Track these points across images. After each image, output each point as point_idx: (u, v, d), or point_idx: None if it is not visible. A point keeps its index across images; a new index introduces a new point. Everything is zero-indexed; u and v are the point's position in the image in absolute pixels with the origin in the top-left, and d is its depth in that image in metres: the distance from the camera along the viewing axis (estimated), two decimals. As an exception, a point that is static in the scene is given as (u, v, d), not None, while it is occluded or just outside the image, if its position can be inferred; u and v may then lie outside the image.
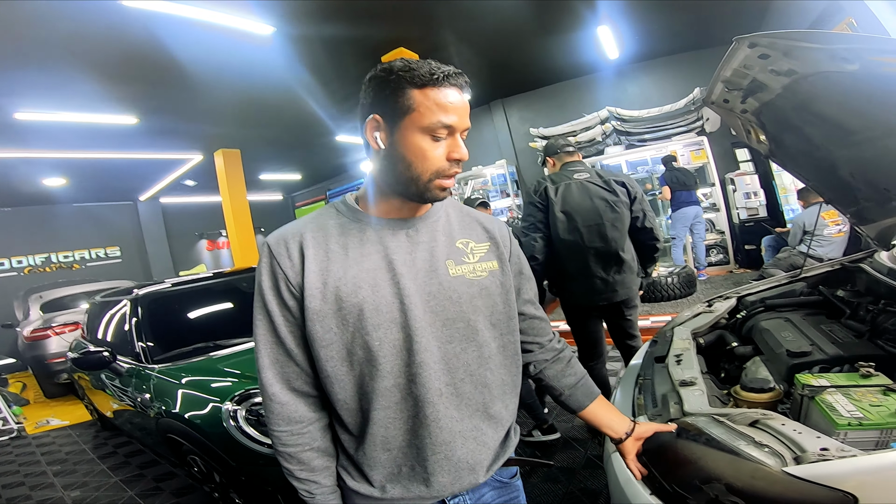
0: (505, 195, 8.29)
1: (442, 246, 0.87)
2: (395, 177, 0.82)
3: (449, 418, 0.82)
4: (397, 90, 0.76)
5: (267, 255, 0.82)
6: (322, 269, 0.80)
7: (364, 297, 0.79)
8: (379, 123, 0.80)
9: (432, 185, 0.80)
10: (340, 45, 4.87)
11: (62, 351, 5.39)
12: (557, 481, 2.29)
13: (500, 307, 0.90)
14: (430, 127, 0.77)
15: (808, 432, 0.95)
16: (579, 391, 1.03)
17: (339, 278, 0.79)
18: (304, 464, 0.84)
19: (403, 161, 0.79)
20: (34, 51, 3.87)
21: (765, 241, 5.40)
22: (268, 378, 0.82)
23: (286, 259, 0.80)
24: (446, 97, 0.77)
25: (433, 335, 0.82)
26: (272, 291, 0.81)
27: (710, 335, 1.79)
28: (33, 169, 7.12)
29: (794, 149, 1.60)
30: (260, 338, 0.83)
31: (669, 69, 6.92)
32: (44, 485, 3.21)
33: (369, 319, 0.79)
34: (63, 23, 3.52)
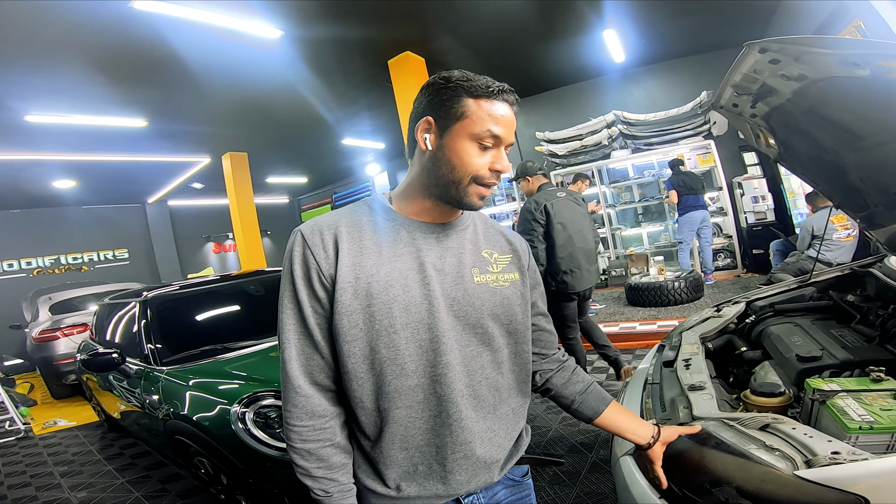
0: (510, 199, 8.29)
1: (469, 254, 0.89)
2: (436, 178, 0.84)
3: (469, 419, 0.85)
4: (454, 97, 0.81)
5: (300, 244, 0.82)
6: (355, 264, 0.81)
7: (395, 295, 0.80)
8: (431, 126, 0.83)
9: (471, 191, 0.83)
10: (347, 48, 4.91)
11: (70, 352, 5.44)
12: (564, 484, 2.28)
13: (519, 317, 0.92)
14: (479, 135, 0.81)
15: (819, 436, 0.95)
16: (591, 397, 1.03)
17: (372, 275, 0.80)
18: (324, 461, 0.83)
19: (448, 164, 0.82)
20: (45, 54, 3.93)
21: (773, 246, 5.37)
22: (293, 369, 0.82)
23: (321, 250, 0.81)
24: (498, 110, 0.82)
25: (455, 338, 0.84)
26: (303, 281, 0.81)
27: (718, 340, 1.79)
28: (43, 171, 7.22)
29: (804, 153, 1.60)
30: (288, 327, 0.82)
31: (676, 72, 6.92)
32: (50, 485, 3.22)
33: (398, 318, 0.80)
34: (74, 26, 3.57)
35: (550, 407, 3.23)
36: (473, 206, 0.85)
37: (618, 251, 7.38)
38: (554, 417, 3.06)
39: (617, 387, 3.40)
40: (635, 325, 4.65)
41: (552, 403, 3.17)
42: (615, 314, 5.16)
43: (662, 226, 7.15)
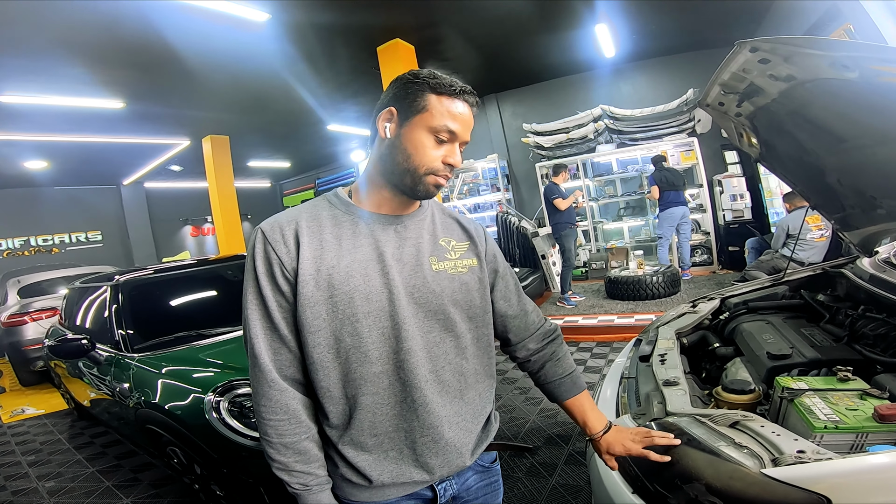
0: (495, 189, 8.29)
1: (427, 243, 0.93)
2: (392, 166, 0.87)
3: (435, 403, 0.87)
4: (418, 91, 0.84)
5: (261, 240, 0.84)
6: (316, 257, 0.83)
7: (355, 285, 0.83)
8: (392, 116, 0.86)
9: (426, 181, 0.86)
10: (335, 34, 4.80)
11: (39, 338, 5.27)
12: (540, 476, 2.31)
13: (478, 301, 0.96)
14: (436, 128, 0.84)
15: (785, 434, 0.97)
16: (569, 380, 1.08)
17: (333, 266, 0.83)
18: (302, 454, 0.84)
19: (404, 152, 0.86)
20: (20, 34, 3.75)
21: (748, 244, 5.48)
22: (265, 364, 0.83)
23: (282, 245, 0.83)
24: (457, 108, 0.85)
25: (416, 325, 0.87)
26: (267, 276, 0.83)
27: (693, 335, 1.82)
28: (15, 151, 6.95)
29: (785, 153, 1.62)
30: (254, 324, 0.83)
31: (664, 69, 6.96)
32: (18, 475, 3.13)
33: (360, 307, 0.83)
34: (50, 6, 3.41)
35: (529, 398, 3.26)
36: (428, 194, 0.89)
37: (599, 244, 7.46)
38: (531, 409, 3.09)
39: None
40: (613, 318, 4.72)
41: (531, 395, 3.24)
42: (594, 307, 5.23)
43: (643, 220, 7.24)
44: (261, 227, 0.86)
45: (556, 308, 5.49)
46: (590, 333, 4.54)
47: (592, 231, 7.41)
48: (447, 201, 8.53)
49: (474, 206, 8.80)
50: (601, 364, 3.77)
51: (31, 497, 2.79)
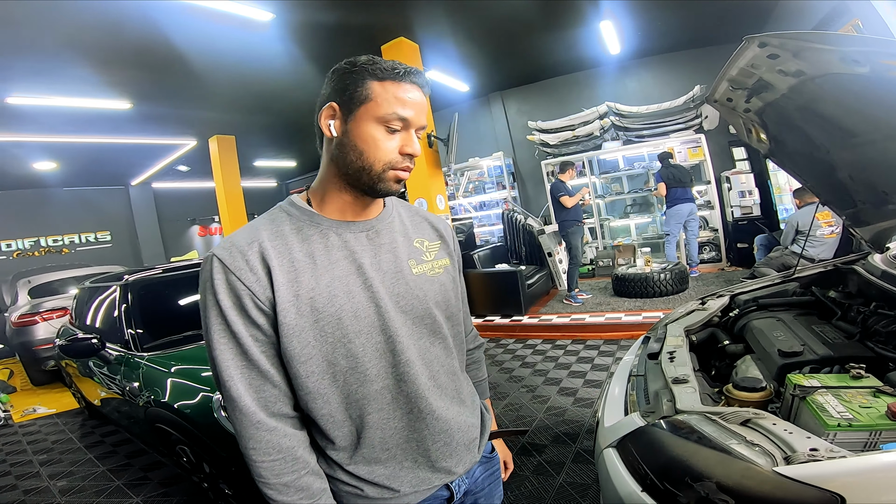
0: (501, 187, 8.28)
1: (402, 247, 0.89)
2: (346, 166, 0.81)
3: (441, 408, 0.86)
4: (358, 80, 0.78)
5: (220, 270, 0.74)
6: (291, 281, 0.76)
7: (341, 304, 0.78)
8: (335, 112, 0.80)
9: (385, 177, 0.81)
10: (340, 33, 4.80)
11: (50, 337, 5.33)
12: (548, 475, 2.31)
13: (453, 301, 0.94)
14: (384, 117, 0.78)
15: (798, 432, 0.96)
16: (479, 387, 1.12)
17: (312, 289, 0.76)
18: (305, 490, 0.77)
19: (355, 149, 0.79)
20: (27, 35, 3.77)
21: (757, 240, 5.44)
22: (248, 406, 0.74)
23: (248, 273, 0.74)
24: (405, 92, 0.79)
25: (408, 334, 0.84)
26: (236, 310, 0.74)
27: (702, 333, 1.80)
28: (23, 152, 7.00)
29: (794, 149, 1.60)
30: (227, 364, 0.74)
31: (670, 66, 6.90)
32: (30, 474, 3.17)
33: (350, 327, 0.78)
34: (57, 7, 3.43)
35: (535, 396, 3.26)
36: (390, 191, 0.83)
37: (605, 242, 7.43)
38: (538, 407, 3.08)
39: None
40: (621, 315, 4.70)
41: (538, 393, 3.24)
42: (601, 304, 5.21)
43: (650, 217, 7.20)
44: (215, 253, 0.75)
45: (563, 306, 5.48)
46: (597, 331, 4.53)
47: (599, 228, 7.38)
48: (453, 199, 8.54)
49: (480, 203, 8.79)
50: (608, 362, 3.75)
51: (43, 496, 2.82)
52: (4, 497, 2.87)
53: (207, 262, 0.76)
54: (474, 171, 8.64)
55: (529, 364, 4.02)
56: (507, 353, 4.45)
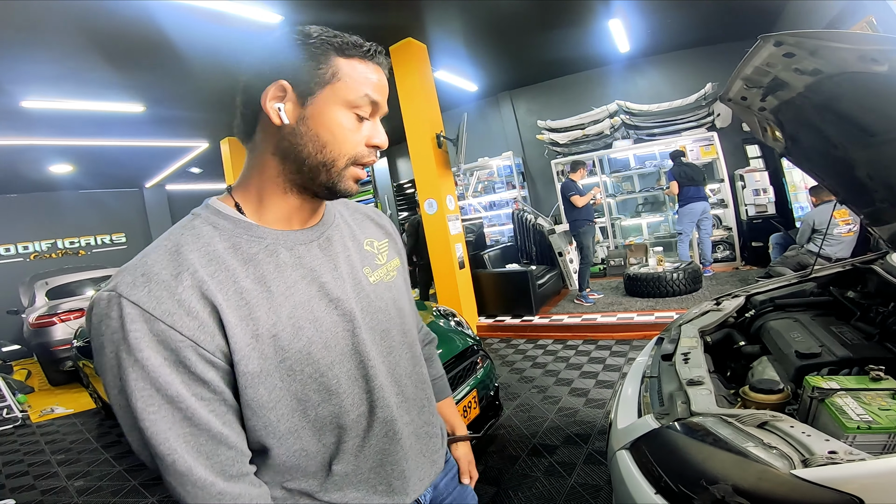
0: (511, 187, 8.26)
1: (355, 253, 0.78)
2: (299, 162, 0.66)
3: (411, 424, 0.80)
4: (318, 55, 0.64)
5: (138, 318, 0.55)
6: (245, 319, 0.61)
7: (309, 337, 0.65)
8: (286, 92, 0.64)
9: (347, 174, 0.69)
10: (348, 34, 4.83)
11: (67, 338, 5.43)
12: (559, 476, 2.30)
13: (408, 301, 0.88)
14: (355, 102, 0.66)
15: (816, 435, 0.95)
16: (437, 384, 1.05)
17: (273, 324, 0.62)
18: None
19: (316, 140, 0.65)
20: (41, 39, 3.84)
21: (772, 239, 5.36)
22: (202, 478, 0.58)
23: (185, 317, 0.57)
24: (376, 72, 0.68)
25: (377, 354, 0.75)
26: (172, 367, 0.56)
27: (717, 333, 1.78)
28: (40, 156, 7.14)
29: (811, 148, 1.58)
30: (164, 437, 0.56)
31: (680, 64, 6.83)
32: (48, 474, 3.23)
33: (322, 360, 0.67)
34: (70, 11, 3.49)
35: (547, 397, 3.25)
36: (349, 192, 0.70)
37: (617, 241, 7.38)
38: (550, 408, 3.07)
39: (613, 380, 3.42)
40: (633, 315, 4.66)
41: (549, 393, 3.23)
42: (613, 304, 5.17)
43: (662, 216, 7.13)
44: (123, 294, 0.56)
45: (574, 306, 5.45)
46: (609, 331, 4.50)
47: (610, 227, 7.33)
48: (463, 200, 8.54)
49: (490, 203, 8.77)
50: (621, 362, 3.72)
51: (60, 496, 2.87)
52: (23, 497, 2.92)
53: (109, 307, 0.56)
54: (484, 170, 8.63)
55: (540, 364, 4.00)
56: (518, 353, 4.44)
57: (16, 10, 3.38)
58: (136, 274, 0.58)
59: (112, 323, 0.55)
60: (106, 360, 0.56)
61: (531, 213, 6.81)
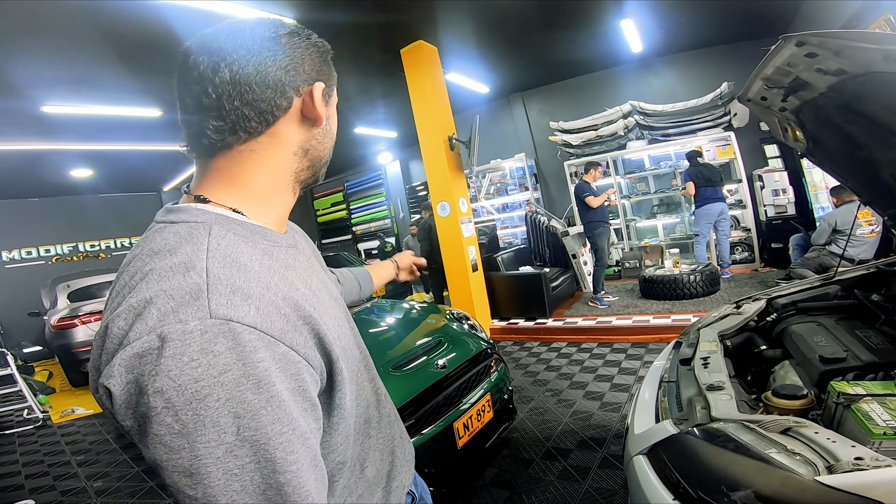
0: (523, 188, 8.23)
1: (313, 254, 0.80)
2: (316, 160, 0.68)
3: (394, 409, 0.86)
4: (326, 59, 0.67)
5: (262, 343, 0.46)
6: (326, 323, 0.57)
7: (345, 335, 0.66)
8: (322, 94, 0.65)
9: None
10: (360, 37, 4.87)
11: (89, 340, 5.54)
12: (573, 480, 2.28)
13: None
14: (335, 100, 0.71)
15: (842, 441, 0.93)
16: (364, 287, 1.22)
17: (331, 326, 0.59)
18: None
19: (332, 138, 0.69)
20: (60, 45, 3.94)
21: (793, 240, 5.26)
22: None
23: (296, 334, 0.50)
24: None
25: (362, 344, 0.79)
26: (295, 397, 0.48)
27: (737, 337, 1.75)
28: (61, 160, 7.31)
29: (834, 148, 1.55)
30: (307, 489, 0.48)
31: (694, 63, 6.75)
32: (67, 474, 3.27)
33: (352, 355, 0.68)
34: (88, 17, 3.57)
35: (561, 400, 3.22)
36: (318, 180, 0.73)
37: (632, 243, 7.30)
38: (564, 411, 3.04)
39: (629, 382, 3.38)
40: (649, 318, 4.60)
41: (563, 397, 3.20)
42: (628, 307, 5.11)
43: (678, 218, 7.04)
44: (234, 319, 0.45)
45: (589, 308, 5.40)
46: (624, 334, 4.45)
47: (625, 229, 7.26)
48: (475, 202, 8.53)
49: (502, 205, 8.75)
50: (637, 366, 3.68)
51: (80, 497, 2.91)
52: (43, 497, 2.97)
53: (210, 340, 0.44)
54: (496, 172, 8.61)
55: (554, 367, 3.97)
56: (532, 356, 4.42)
57: (36, 16, 3.47)
58: (225, 292, 0.47)
59: (220, 360, 0.43)
60: (210, 413, 0.42)
61: (544, 215, 6.77)
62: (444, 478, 2.00)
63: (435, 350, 2.35)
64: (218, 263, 0.49)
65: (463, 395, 2.22)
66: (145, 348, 0.43)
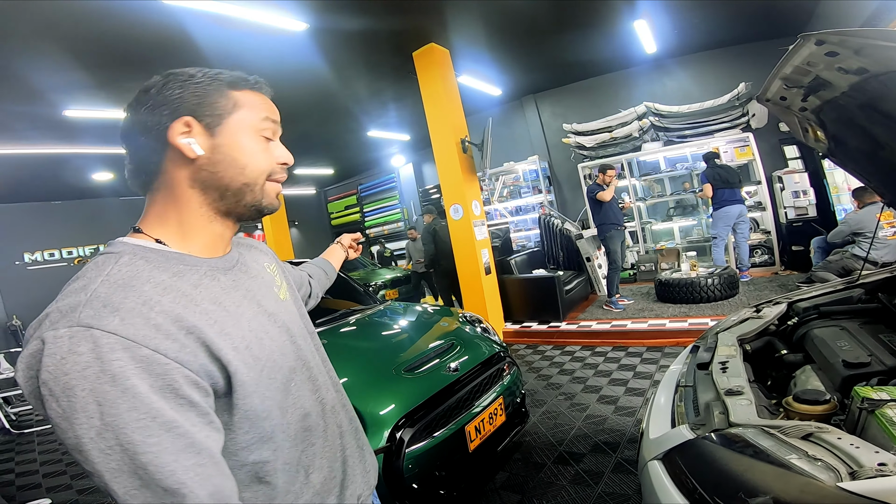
0: (537, 191, 8.19)
1: (266, 274, 0.86)
2: (222, 188, 0.70)
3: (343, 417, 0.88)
4: (212, 91, 0.69)
5: (119, 346, 0.53)
6: (220, 334, 0.63)
7: (270, 346, 0.71)
8: (191, 127, 0.67)
9: (268, 190, 0.75)
10: (372, 40, 4.91)
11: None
12: (586, 484, 2.25)
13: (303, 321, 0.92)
14: (259, 125, 0.73)
15: (865, 447, 0.90)
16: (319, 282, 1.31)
17: (243, 337, 0.66)
18: None
19: (235, 164, 0.69)
20: (80, 51, 4.04)
21: (814, 243, 5.14)
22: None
23: (166, 340, 0.56)
24: (265, 101, 0.76)
25: (311, 357, 0.84)
26: (160, 395, 0.54)
27: (757, 342, 1.71)
28: (82, 164, 7.48)
29: (856, 148, 1.51)
30: (171, 468, 0.53)
31: (710, 64, 6.66)
32: (84, 474, 3.24)
33: (284, 366, 0.73)
34: (107, 22, 3.65)
35: (574, 404, 3.19)
36: (274, 207, 0.76)
37: (647, 245, 7.21)
38: (577, 415, 3.01)
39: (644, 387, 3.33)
40: (665, 322, 4.54)
41: (577, 401, 3.17)
42: (644, 310, 5.05)
43: (695, 220, 6.93)
44: (94, 326, 0.53)
45: (603, 311, 5.35)
46: (639, 338, 4.39)
47: (640, 232, 7.18)
48: (488, 204, 8.52)
49: (516, 208, 8.73)
50: (652, 370, 3.63)
51: (95, 496, 2.94)
52: (59, 496, 3.00)
53: (73, 343, 0.52)
54: (509, 175, 8.60)
55: (568, 371, 3.94)
56: (545, 359, 4.38)
57: (55, 24, 3.56)
58: (97, 306, 0.55)
59: (81, 359, 0.51)
60: (78, 401, 0.51)
61: (558, 218, 6.73)
62: (454, 481, 1.99)
63: (447, 353, 2.34)
64: (106, 286, 0.58)
65: (475, 398, 2.21)
66: (34, 349, 0.53)
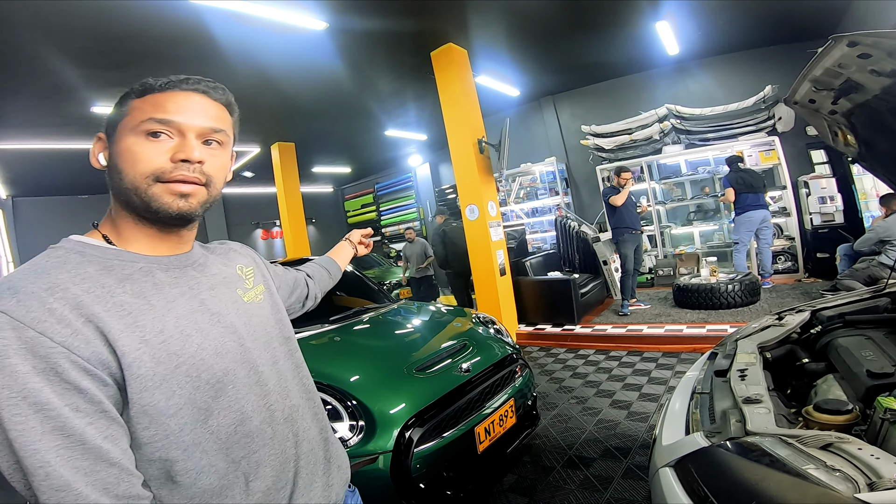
0: (553, 193, 8.13)
1: (229, 276, 0.86)
2: (121, 195, 0.72)
3: (309, 429, 0.87)
4: (120, 105, 0.73)
5: (7, 326, 0.55)
6: (130, 325, 0.63)
7: (199, 343, 0.70)
8: (101, 140, 0.74)
9: (155, 192, 0.70)
10: (391, 40, 4.93)
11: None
12: (594, 489, 2.21)
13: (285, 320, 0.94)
14: (140, 127, 0.70)
15: (886, 458, 0.87)
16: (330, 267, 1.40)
17: (161, 331, 0.66)
18: None
19: (119, 171, 0.70)
20: (107, 49, 4.14)
21: (840, 250, 4.99)
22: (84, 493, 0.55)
23: (56, 325, 0.57)
24: (167, 99, 0.72)
25: (265, 362, 0.81)
26: (40, 376, 0.55)
27: (778, 350, 1.66)
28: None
29: (888, 153, 1.46)
30: (34, 447, 0.54)
31: (734, 66, 6.51)
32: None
33: (216, 366, 0.71)
34: (133, 21, 3.75)
35: (586, 408, 3.15)
36: (168, 209, 0.71)
37: (666, 250, 7.08)
38: (589, 419, 2.97)
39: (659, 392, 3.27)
40: (682, 327, 4.45)
41: (589, 405, 3.13)
42: (661, 315, 4.96)
43: (717, 225, 6.79)
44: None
45: (619, 316, 5.27)
46: (655, 343, 4.32)
47: (659, 236, 7.06)
48: (504, 206, 8.48)
49: (532, 210, 8.67)
50: (667, 375, 3.56)
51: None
52: None
53: None
54: (526, 176, 8.54)
55: (581, 374, 3.89)
56: (558, 362, 4.34)
57: (83, 23, 3.66)
58: (3, 289, 0.58)
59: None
60: None
61: (575, 221, 6.66)
62: (462, 482, 1.98)
63: (459, 353, 2.33)
64: (23, 272, 0.61)
65: (486, 399, 2.20)
66: None
